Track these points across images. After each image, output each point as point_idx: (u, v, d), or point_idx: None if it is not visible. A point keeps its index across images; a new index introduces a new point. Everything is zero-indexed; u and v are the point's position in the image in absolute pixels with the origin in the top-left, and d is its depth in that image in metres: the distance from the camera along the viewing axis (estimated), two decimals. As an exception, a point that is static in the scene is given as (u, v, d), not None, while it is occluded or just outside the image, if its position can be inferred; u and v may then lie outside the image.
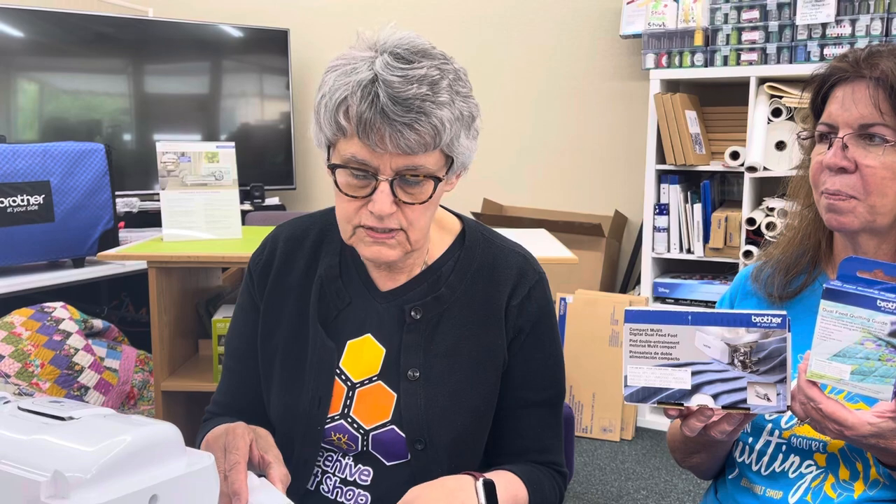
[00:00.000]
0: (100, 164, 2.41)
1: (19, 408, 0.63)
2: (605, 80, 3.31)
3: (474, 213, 3.21)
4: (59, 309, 2.21)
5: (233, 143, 2.10)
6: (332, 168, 0.95)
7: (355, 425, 1.01)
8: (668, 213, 2.91)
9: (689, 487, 2.48)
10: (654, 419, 2.96)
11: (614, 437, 2.86)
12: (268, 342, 1.07)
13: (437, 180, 0.94)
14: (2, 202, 2.20)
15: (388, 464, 1.02)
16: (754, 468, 1.02)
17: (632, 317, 0.89)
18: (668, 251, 2.92)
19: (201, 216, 2.04)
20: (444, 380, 1.01)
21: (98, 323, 2.29)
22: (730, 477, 1.06)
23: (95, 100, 3.29)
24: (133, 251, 1.91)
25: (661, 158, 2.90)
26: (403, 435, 1.00)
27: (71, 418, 0.61)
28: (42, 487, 0.53)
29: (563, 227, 3.06)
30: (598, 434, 2.88)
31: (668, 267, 3.08)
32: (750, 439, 1.02)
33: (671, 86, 2.93)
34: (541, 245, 2.08)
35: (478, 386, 1.02)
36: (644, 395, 0.88)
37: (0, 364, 1.99)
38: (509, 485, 0.99)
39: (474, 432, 1.04)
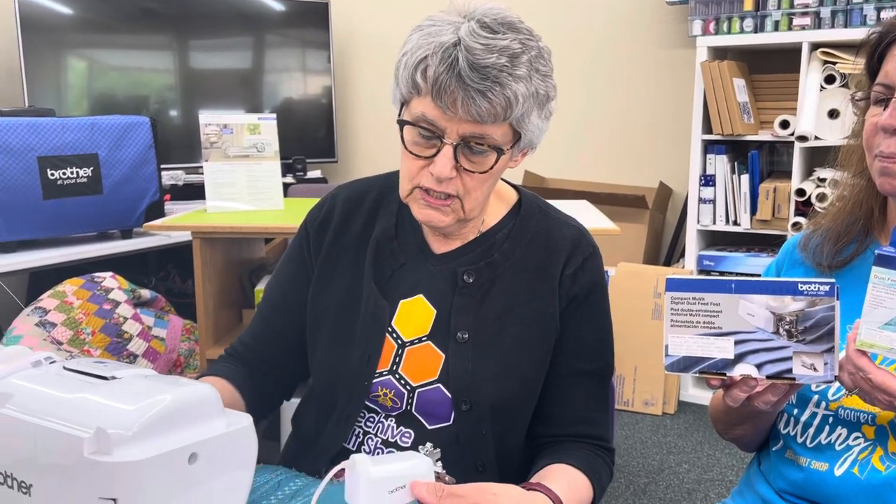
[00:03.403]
0: (145, 137, 2.44)
1: (64, 367, 0.65)
2: (651, 48, 3.23)
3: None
4: (109, 279, 2.26)
5: (274, 116, 2.11)
6: (401, 124, 0.96)
7: (402, 381, 1.02)
8: (714, 185, 2.85)
9: (732, 462, 2.45)
10: (697, 393, 2.92)
11: (656, 411, 2.84)
12: (319, 298, 1.07)
13: (501, 152, 0.95)
14: (52, 175, 2.25)
15: (429, 427, 1.02)
16: (799, 440, 0.99)
17: (673, 285, 0.87)
18: (714, 223, 2.87)
19: (244, 188, 2.06)
20: (492, 343, 1.02)
21: (146, 293, 2.34)
22: (774, 449, 1.04)
23: (142, 76, 3.35)
24: (177, 222, 1.95)
25: (707, 128, 2.83)
26: (449, 395, 1.00)
27: (113, 378, 0.62)
28: (85, 443, 0.54)
29: (606, 200, 3.02)
30: (640, 408, 2.86)
31: (713, 239, 3.02)
32: (795, 411, 1.00)
33: (719, 53, 2.85)
34: (583, 216, 2.05)
35: (526, 351, 1.03)
36: (685, 364, 0.87)
37: (53, 331, 2.05)
38: (575, 489, 0.97)
39: (521, 398, 1.04)
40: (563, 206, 2.25)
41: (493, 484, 0.85)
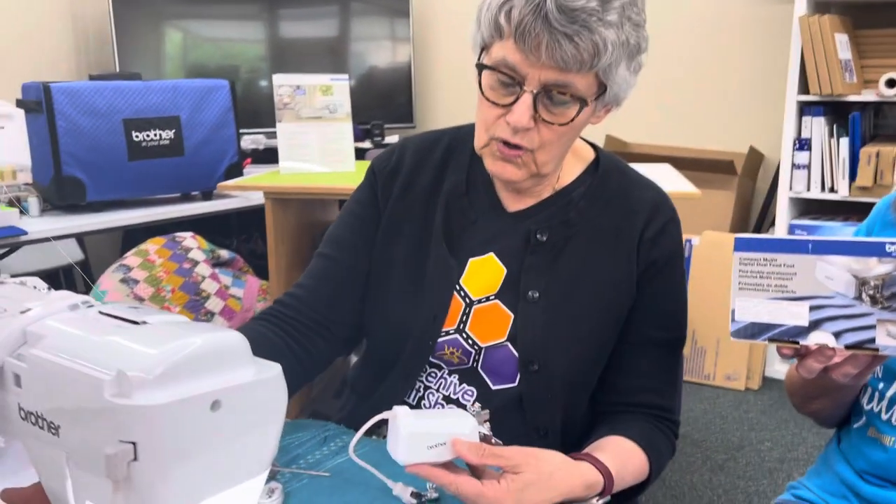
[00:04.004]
0: (224, 99, 2.48)
1: (100, 312, 0.64)
2: (743, 2, 3.05)
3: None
4: (189, 239, 2.33)
5: (346, 76, 2.10)
6: (480, 68, 0.92)
7: (470, 341, 0.99)
8: (809, 149, 2.67)
9: (820, 442, 2.33)
10: (784, 368, 2.78)
11: (739, 386, 2.72)
12: (385, 250, 1.04)
13: (584, 104, 0.89)
14: (137, 136, 2.31)
15: (493, 387, 1.00)
16: (884, 417, 0.91)
17: (743, 245, 0.80)
18: (808, 190, 2.70)
19: (316, 149, 2.06)
20: (564, 304, 0.98)
21: (224, 253, 2.40)
22: (855, 426, 0.96)
23: (234, 46, 3.47)
24: (250, 182, 1.97)
25: (803, 88, 2.65)
26: (517, 354, 0.97)
27: (144, 322, 0.61)
28: (105, 386, 0.53)
29: (692, 165, 2.89)
30: (722, 382, 2.75)
31: (807, 207, 2.85)
32: (881, 385, 0.92)
33: (820, 6, 2.65)
34: (662, 180, 1.96)
35: (599, 315, 0.99)
36: (753, 331, 0.80)
37: (136, 288, 2.12)
38: (629, 463, 0.93)
39: (590, 362, 1.00)
40: (643, 169, 2.16)
41: (537, 449, 0.81)
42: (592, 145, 1.08)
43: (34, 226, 2.15)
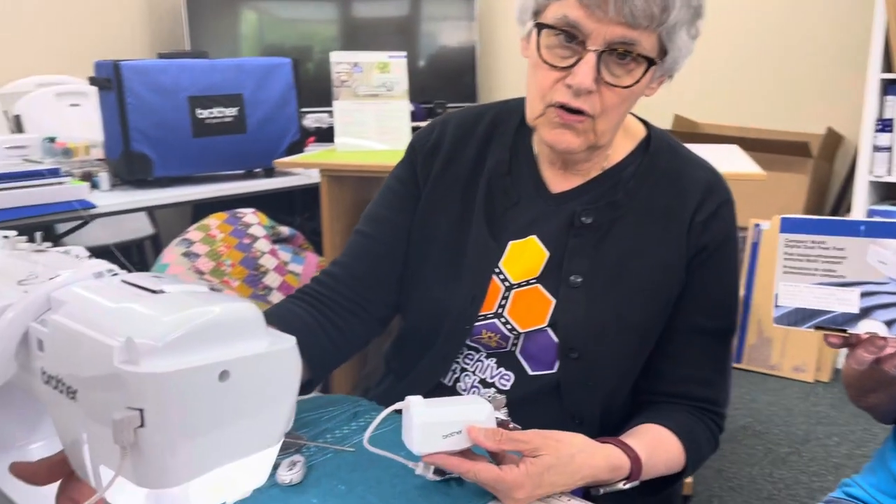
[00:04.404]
0: (287, 77, 2.51)
1: (122, 280, 0.65)
2: (826, -24, 2.90)
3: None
4: (250, 215, 2.37)
5: (405, 53, 2.09)
6: (539, 27, 0.87)
7: (508, 326, 0.97)
8: (892, 130, 2.53)
9: (892, 439, 2.22)
10: (859, 362, 2.66)
11: (807, 378, 2.61)
12: (424, 229, 1.02)
13: (650, 63, 0.85)
14: (201, 113, 2.36)
15: (531, 372, 0.97)
16: (945, 414, 0.85)
17: (789, 226, 0.76)
18: (889, 174, 2.56)
19: (372, 126, 2.06)
20: (608, 290, 0.94)
21: (285, 230, 2.44)
22: (914, 423, 0.90)
23: (307, 27, 3.55)
24: (306, 159, 1.98)
25: (887, 66, 2.51)
26: (557, 340, 0.94)
27: (161, 291, 0.62)
28: (115, 352, 0.54)
29: (763, 146, 2.77)
30: (789, 373, 2.64)
31: (888, 192, 2.70)
32: (942, 380, 0.85)
33: (908, -21, 2.49)
34: (726, 160, 1.89)
35: (645, 301, 0.94)
36: (798, 317, 0.76)
37: (197, 262, 2.18)
38: (662, 451, 0.89)
39: (634, 350, 0.96)
40: (708, 150, 2.09)
41: (558, 431, 0.79)
42: (644, 122, 1.03)
43: (104, 200, 2.22)
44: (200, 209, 3.14)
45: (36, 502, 0.69)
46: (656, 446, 0.88)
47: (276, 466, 0.78)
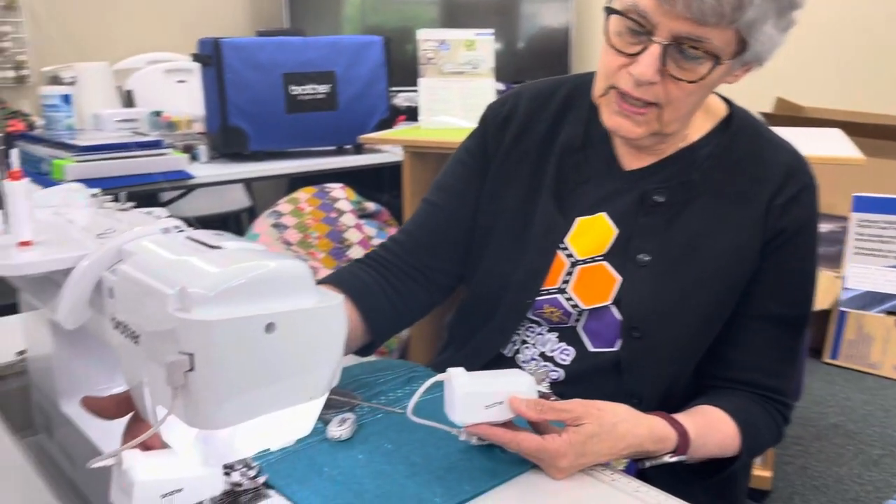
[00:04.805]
0: (378, 55, 2.55)
1: (187, 237, 0.69)
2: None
3: (763, 114, 2.87)
4: (337, 190, 2.43)
5: (492, 31, 2.09)
6: (608, 12, 0.87)
7: (571, 302, 0.96)
8: None
9: None
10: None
11: (909, 378, 2.47)
12: (492, 201, 1.02)
13: (717, 62, 0.82)
14: (294, 90, 2.44)
15: (591, 349, 0.97)
16: None
17: (862, 205, 0.73)
18: None
19: (457, 104, 2.07)
20: (676, 270, 0.92)
21: (371, 206, 2.49)
22: None
23: (409, 8, 3.61)
24: (389, 136, 2.02)
25: None
26: (620, 319, 0.93)
27: (219, 247, 0.65)
28: (170, 300, 0.57)
29: (873, 132, 2.61)
30: (890, 372, 2.50)
31: None
32: None
33: None
34: (826, 144, 1.80)
35: (714, 284, 0.92)
36: (866, 301, 0.72)
37: (285, 233, 2.26)
38: (714, 432, 0.88)
39: (699, 334, 0.94)
40: (808, 133, 2.00)
41: (601, 401, 0.78)
42: (727, 101, 1.00)
43: (202, 171, 2.34)
44: (296, 184, 3.25)
45: (108, 440, 0.74)
46: (708, 425, 0.86)
47: (327, 422, 0.81)
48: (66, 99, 2.54)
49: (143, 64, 3.20)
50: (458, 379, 0.73)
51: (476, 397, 0.73)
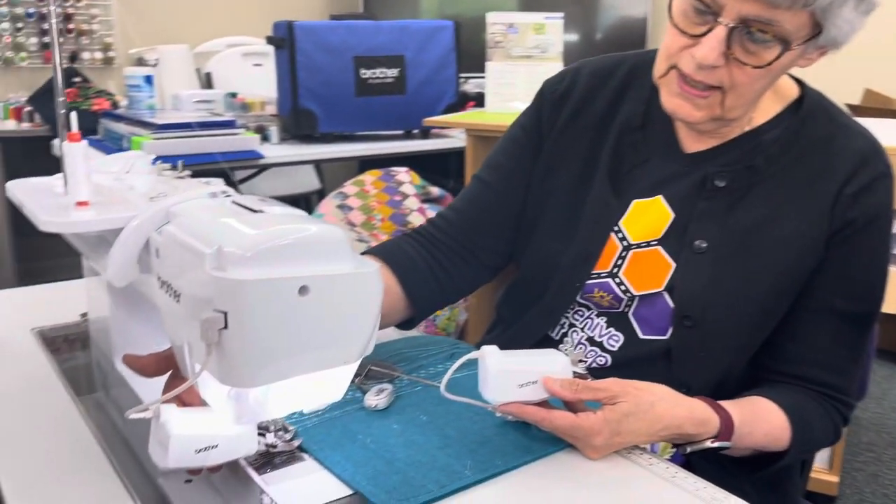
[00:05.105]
0: (448, 40, 2.55)
1: (232, 201, 0.71)
2: None
3: (850, 106, 2.73)
4: (403, 173, 2.45)
5: (562, 14, 2.06)
6: None
7: (623, 287, 0.93)
8: None
9: None
10: None
11: None
12: (545, 179, 1.00)
13: (787, 47, 0.78)
14: (364, 73, 2.46)
15: (641, 336, 0.93)
16: None
17: None
18: None
19: (524, 88, 2.06)
20: (734, 258, 0.88)
21: (435, 190, 2.50)
22: None
23: None
24: (453, 119, 2.02)
25: None
26: (673, 306, 0.90)
27: (261, 211, 0.67)
28: (207, 259, 0.58)
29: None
30: (977, 381, 2.36)
31: None
32: None
33: None
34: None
35: (774, 274, 0.88)
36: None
37: (350, 214, 2.29)
38: (762, 422, 0.84)
39: (755, 324, 0.90)
40: (889, 123, 1.88)
41: (639, 381, 0.76)
42: (799, 82, 0.95)
43: (272, 151, 2.39)
44: (365, 167, 3.30)
45: (152, 393, 0.77)
46: (756, 414, 0.83)
47: (365, 392, 0.82)
48: (149, 80, 2.63)
49: (222, 47, 3.29)
50: (491, 357, 0.72)
51: (509, 376, 0.72)
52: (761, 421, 0.83)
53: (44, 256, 2.86)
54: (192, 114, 2.43)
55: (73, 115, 0.71)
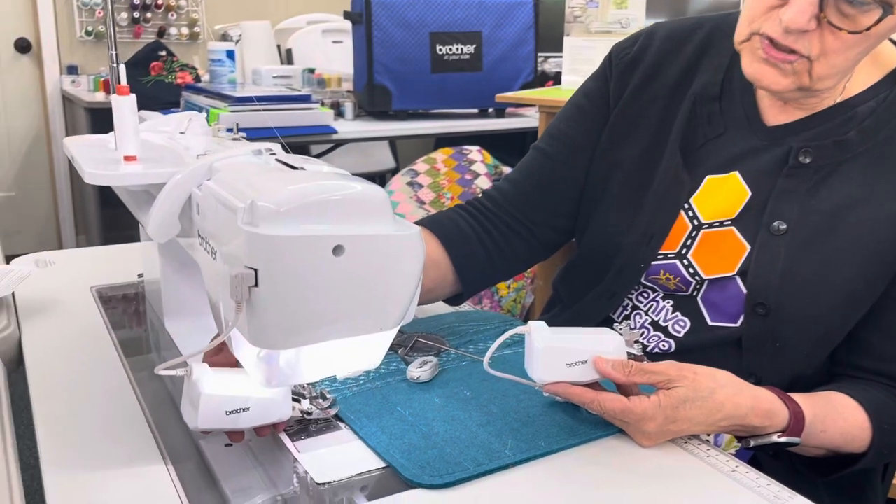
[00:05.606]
0: (527, 17, 2.49)
1: (276, 159, 0.68)
2: None
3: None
4: (475, 152, 2.41)
5: (645, -12, 1.96)
6: None
7: (691, 270, 0.87)
8: None
9: None
10: None
11: None
12: (610, 151, 0.94)
13: (888, 10, 0.71)
14: (440, 50, 2.43)
15: (710, 322, 0.87)
16: None
17: None
18: None
19: (602, 66, 1.98)
20: (817, 242, 0.81)
21: (507, 170, 2.45)
22: None
23: None
24: (526, 95, 1.96)
25: None
26: (745, 292, 0.83)
27: (302, 168, 0.64)
28: (239, 213, 0.56)
29: None
30: None
31: None
32: None
33: None
34: None
35: (861, 261, 0.80)
36: None
37: (419, 192, 2.27)
38: (838, 419, 0.77)
39: (837, 316, 0.82)
40: None
41: (699, 365, 0.70)
42: None
43: (346, 127, 2.39)
44: (440, 146, 3.27)
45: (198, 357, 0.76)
46: (831, 410, 0.76)
47: (408, 363, 0.79)
48: (230, 55, 2.68)
49: (303, 24, 3.32)
50: (538, 333, 0.67)
51: (557, 353, 0.67)
52: (838, 417, 0.75)
53: (132, 227, 2.97)
54: (270, 88, 2.46)
55: (122, 69, 0.70)
